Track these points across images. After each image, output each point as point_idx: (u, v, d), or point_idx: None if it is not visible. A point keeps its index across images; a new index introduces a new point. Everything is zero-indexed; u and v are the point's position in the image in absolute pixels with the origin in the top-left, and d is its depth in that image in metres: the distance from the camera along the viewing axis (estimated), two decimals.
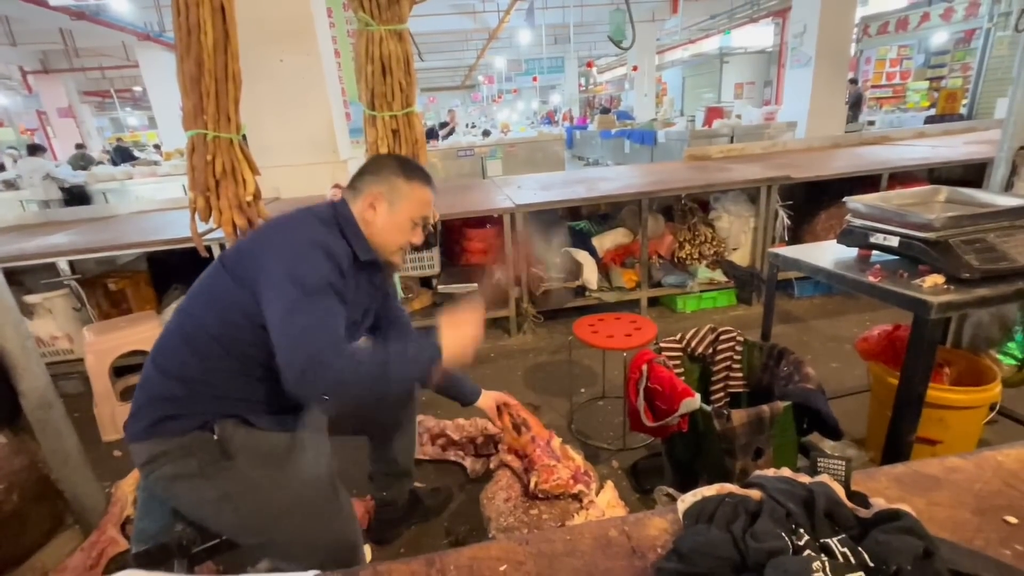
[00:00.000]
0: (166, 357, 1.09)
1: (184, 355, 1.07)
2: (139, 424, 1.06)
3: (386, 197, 1.18)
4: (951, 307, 1.31)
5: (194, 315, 1.10)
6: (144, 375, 1.11)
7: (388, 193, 1.18)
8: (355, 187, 1.21)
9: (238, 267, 1.07)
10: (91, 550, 1.59)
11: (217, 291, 1.09)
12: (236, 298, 1.05)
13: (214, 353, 1.06)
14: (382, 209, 1.18)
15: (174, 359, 1.08)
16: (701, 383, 1.87)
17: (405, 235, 1.22)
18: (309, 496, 1.11)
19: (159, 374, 1.08)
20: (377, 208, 1.18)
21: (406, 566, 0.60)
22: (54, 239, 2.92)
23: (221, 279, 1.10)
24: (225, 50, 1.43)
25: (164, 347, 1.11)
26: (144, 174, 6.94)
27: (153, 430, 1.05)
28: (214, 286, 1.11)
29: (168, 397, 1.06)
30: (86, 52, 10.39)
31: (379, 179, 1.19)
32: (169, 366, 1.08)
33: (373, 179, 1.19)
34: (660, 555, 0.58)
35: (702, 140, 6.03)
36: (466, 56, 15.40)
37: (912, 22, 9.25)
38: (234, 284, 1.06)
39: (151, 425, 1.05)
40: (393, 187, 1.18)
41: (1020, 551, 0.57)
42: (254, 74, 3.44)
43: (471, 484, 1.91)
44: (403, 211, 1.19)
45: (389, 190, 1.18)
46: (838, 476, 0.61)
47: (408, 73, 1.76)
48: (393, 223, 1.19)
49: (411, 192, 1.19)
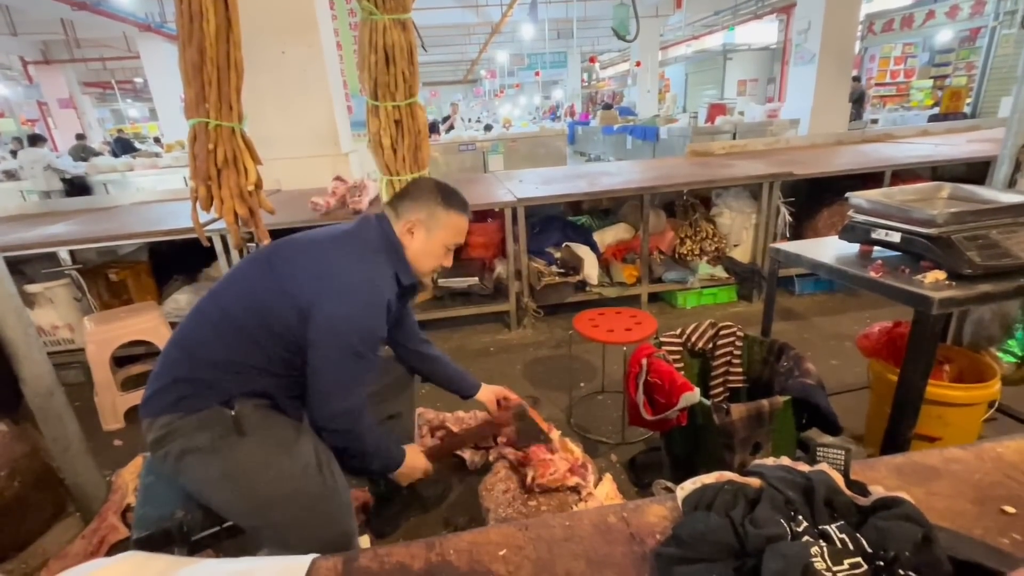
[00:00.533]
0: (196, 343, 1.12)
1: (214, 344, 1.10)
2: (161, 401, 1.09)
3: (424, 224, 1.22)
4: (952, 303, 1.31)
5: (230, 310, 1.12)
6: (168, 356, 1.13)
7: (427, 220, 1.22)
8: (395, 209, 1.24)
9: (288, 278, 1.10)
10: (92, 537, 1.60)
11: (260, 293, 1.12)
12: (279, 309, 1.09)
13: (245, 349, 1.09)
14: (420, 235, 1.22)
15: (203, 346, 1.10)
16: (701, 378, 1.87)
17: (438, 260, 1.27)
18: (309, 484, 1.12)
19: (186, 357, 1.10)
20: (415, 234, 1.22)
21: (406, 549, 0.60)
22: (55, 229, 2.92)
23: (266, 281, 1.12)
24: (227, 38, 1.43)
25: (194, 332, 1.13)
26: (145, 166, 6.93)
27: (175, 406, 1.07)
28: (257, 287, 1.13)
29: (193, 379, 1.09)
30: (87, 43, 10.36)
31: (418, 205, 1.22)
32: (197, 351, 1.10)
33: (413, 204, 1.23)
34: (659, 541, 0.59)
35: (704, 137, 6.00)
36: (469, 50, 15.33)
37: (917, 20, 9.20)
38: (280, 294, 1.09)
39: (174, 403, 1.07)
40: (432, 214, 1.22)
41: (1018, 540, 0.57)
42: (256, 66, 3.42)
43: (470, 476, 1.92)
44: (439, 238, 1.24)
45: (428, 217, 1.22)
46: (837, 465, 0.62)
47: (411, 63, 1.75)
48: (428, 249, 1.24)
49: (448, 220, 1.23)
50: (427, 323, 3.15)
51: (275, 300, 1.09)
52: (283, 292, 1.09)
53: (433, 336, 3.15)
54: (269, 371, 1.12)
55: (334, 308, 1.07)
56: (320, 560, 0.60)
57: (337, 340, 1.07)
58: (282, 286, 1.10)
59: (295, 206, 2.93)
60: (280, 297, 1.09)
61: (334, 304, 1.07)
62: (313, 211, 2.75)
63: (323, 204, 2.76)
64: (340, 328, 1.07)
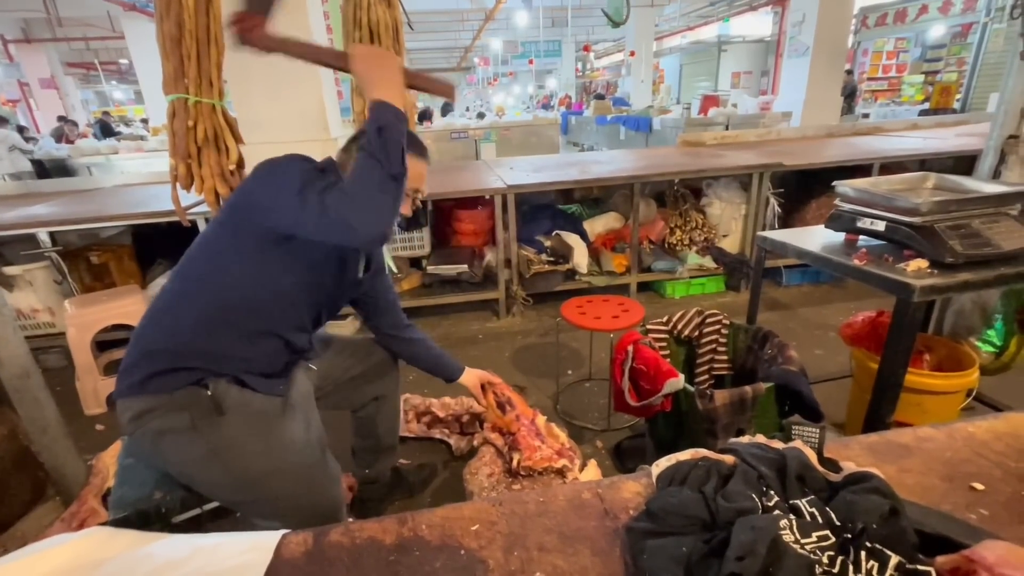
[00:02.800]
0: (160, 316, 1.09)
1: (178, 313, 1.07)
2: (132, 378, 1.06)
3: None
4: (934, 291, 1.32)
5: (190, 275, 1.10)
6: (138, 332, 1.10)
7: None
8: (348, 151, 1.18)
9: (230, 213, 1.09)
10: (71, 521, 1.58)
11: (212, 246, 1.10)
12: (231, 247, 1.07)
13: (208, 309, 1.07)
14: None
15: (168, 317, 1.08)
16: (687, 365, 1.88)
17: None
18: (298, 456, 1.12)
19: (154, 329, 1.08)
20: None
21: (378, 524, 0.60)
22: (34, 210, 2.86)
23: (214, 233, 1.10)
24: (207, 11, 1.38)
25: (159, 307, 1.11)
26: (130, 149, 6.79)
27: (146, 384, 1.05)
28: (208, 242, 1.11)
29: (162, 351, 1.06)
30: (70, 22, 10.05)
31: None
32: (163, 324, 1.08)
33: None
34: (632, 516, 0.59)
35: (698, 128, 5.99)
36: (462, 37, 15.14)
37: (910, 14, 9.22)
38: (229, 234, 1.08)
39: (144, 379, 1.05)
40: None
41: (985, 515, 0.58)
42: (243, 48, 3.36)
43: (456, 461, 1.92)
44: None
45: None
46: (811, 443, 0.62)
47: (397, 41, 1.72)
48: None
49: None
50: (416, 310, 3.13)
51: (226, 243, 1.09)
52: (230, 228, 1.09)
53: (422, 323, 3.14)
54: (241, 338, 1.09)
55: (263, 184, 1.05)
56: (290, 535, 0.59)
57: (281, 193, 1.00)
58: (229, 224, 1.09)
59: None
60: (230, 236, 1.08)
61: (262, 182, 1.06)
62: None
63: None
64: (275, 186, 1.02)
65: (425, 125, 7.80)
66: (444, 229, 3.42)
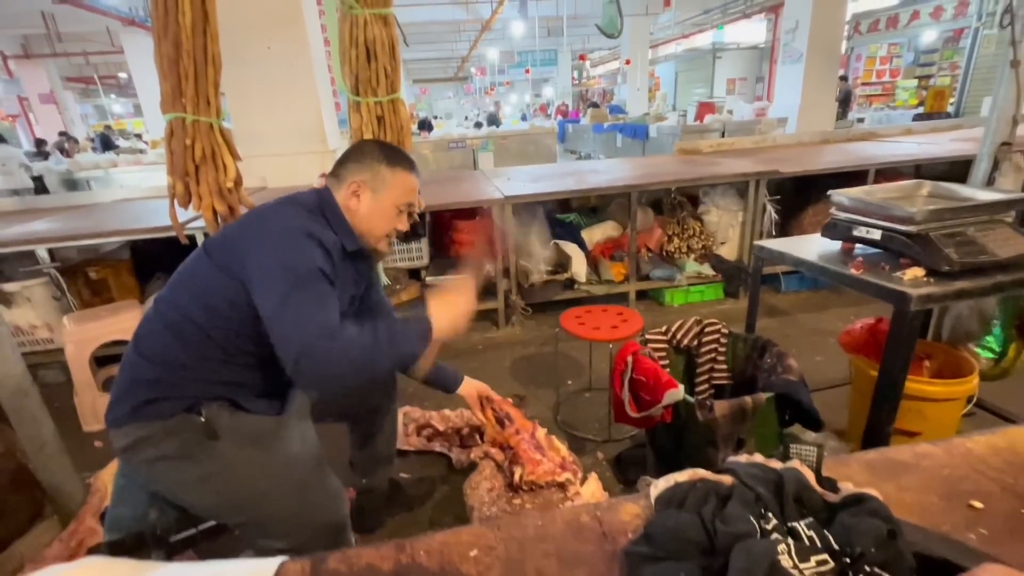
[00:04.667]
0: (148, 343, 1.08)
1: (167, 341, 1.06)
2: (122, 408, 1.05)
3: (369, 185, 1.17)
4: (930, 299, 1.33)
5: (177, 303, 1.08)
6: (125, 361, 1.09)
7: (371, 180, 1.17)
8: (338, 175, 1.19)
9: (224, 255, 1.06)
10: (69, 540, 1.57)
11: (201, 279, 1.08)
12: (221, 286, 1.04)
13: (198, 340, 1.05)
14: (365, 197, 1.17)
15: (156, 345, 1.07)
16: (686, 375, 1.88)
17: (390, 222, 1.21)
18: (296, 474, 1.11)
19: (142, 359, 1.07)
20: (360, 196, 1.17)
21: (376, 551, 0.60)
22: (33, 226, 2.86)
23: (205, 267, 1.08)
24: (204, 31, 1.40)
25: (145, 334, 1.10)
26: (129, 162, 6.81)
27: (137, 413, 1.04)
28: (198, 274, 1.09)
29: (152, 380, 1.05)
30: (69, 37, 10.13)
31: (362, 166, 1.17)
32: (152, 352, 1.06)
33: (356, 166, 1.18)
34: (631, 539, 0.59)
35: (694, 135, 6.03)
36: (459, 47, 15.26)
37: (902, 20, 9.31)
38: (220, 272, 1.05)
39: (134, 409, 1.04)
40: (376, 174, 1.17)
41: (984, 535, 0.58)
42: (240, 61, 3.38)
43: (456, 475, 1.91)
44: (387, 198, 1.18)
45: (372, 177, 1.17)
46: (809, 462, 0.62)
47: (393, 58, 1.73)
48: (377, 211, 1.18)
49: (394, 179, 1.18)
50: (415, 305, 3.13)
51: (217, 280, 1.05)
52: (221, 268, 1.05)
53: None
54: (226, 361, 1.07)
55: (264, 254, 1.01)
56: (288, 563, 0.59)
57: (271, 274, 0.98)
58: (220, 263, 1.06)
59: None
60: (220, 275, 1.04)
61: (263, 251, 1.02)
62: None
63: None
64: (269, 264, 0.99)
65: (423, 135, 7.84)
66: (442, 239, 3.43)
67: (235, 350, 1.07)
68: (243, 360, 1.08)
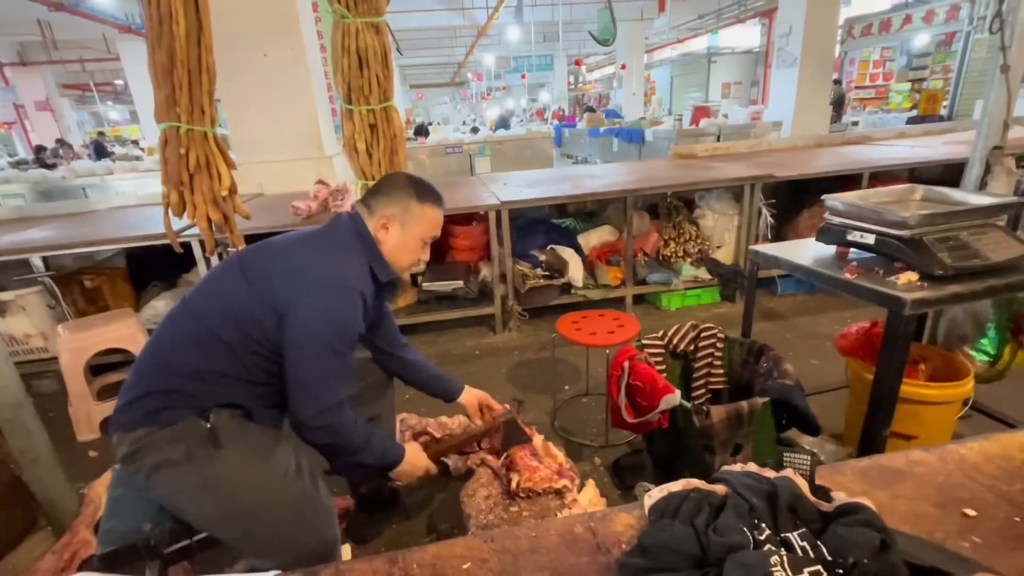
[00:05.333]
0: (172, 353, 1.09)
1: (191, 354, 1.08)
2: (133, 413, 1.06)
3: (399, 219, 1.21)
4: (924, 304, 1.33)
5: (206, 318, 1.10)
6: (142, 367, 1.10)
7: (401, 215, 1.21)
8: (369, 206, 1.23)
9: (266, 287, 1.09)
10: (63, 552, 1.56)
11: (235, 299, 1.10)
12: (256, 314, 1.07)
13: (223, 356, 1.08)
14: (395, 230, 1.22)
15: (178, 355, 1.08)
16: (683, 380, 1.88)
17: (415, 254, 1.27)
18: (288, 489, 1.11)
19: (161, 369, 1.08)
20: (390, 229, 1.22)
21: (368, 564, 0.59)
22: (28, 234, 2.85)
23: (240, 288, 1.10)
24: (198, 41, 1.40)
25: (169, 343, 1.11)
26: (125, 169, 6.80)
27: (149, 419, 1.05)
28: (232, 294, 1.11)
29: (169, 390, 1.07)
30: (65, 44, 10.14)
31: (392, 201, 1.22)
32: (174, 363, 1.08)
33: (387, 200, 1.22)
34: (625, 550, 0.58)
35: (689, 139, 6.06)
36: (455, 53, 15.32)
37: (895, 24, 9.38)
38: (256, 300, 1.08)
39: (147, 415, 1.05)
40: (406, 209, 1.22)
41: (977, 543, 0.58)
42: (237, 68, 3.39)
43: (453, 482, 1.90)
44: (415, 232, 1.23)
45: (402, 212, 1.21)
46: (803, 471, 0.62)
47: (386, 66, 1.74)
48: (405, 244, 1.23)
49: (423, 214, 1.23)
50: (412, 327, 3.12)
51: (251, 305, 1.08)
52: (258, 296, 1.08)
53: (418, 340, 3.14)
54: (246, 379, 1.11)
55: (309, 305, 1.07)
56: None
57: (313, 336, 1.07)
58: (257, 290, 1.09)
59: (276, 210, 2.90)
60: (255, 302, 1.08)
61: (309, 301, 1.07)
62: (295, 215, 2.71)
63: (304, 208, 2.73)
64: (315, 324, 1.07)
65: (419, 140, 7.86)
66: (439, 245, 3.43)
67: (257, 370, 1.10)
68: (263, 379, 1.12)
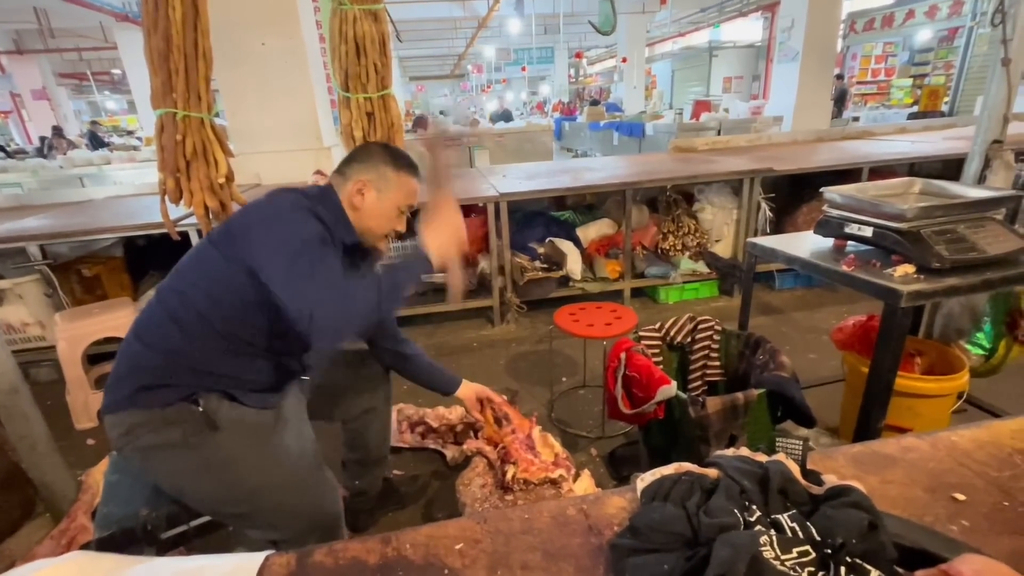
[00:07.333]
0: (150, 332, 1.09)
1: (169, 330, 1.07)
2: (119, 393, 1.06)
3: (374, 185, 1.20)
4: (921, 296, 1.33)
5: (181, 292, 1.10)
6: (124, 348, 1.10)
7: (376, 181, 1.20)
8: (343, 173, 1.22)
9: (227, 244, 1.08)
10: (61, 538, 1.57)
11: (206, 268, 1.10)
12: (228, 275, 1.06)
13: (200, 329, 1.07)
14: (370, 196, 1.20)
15: (158, 333, 1.08)
16: (680, 372, 1.88)
17: (391, 223, 1.25)
18: (294, 467, 1.12)
19: (142, 346, 1.08)
20: (365, 195, 1.20)
21: (361, 544, 0.60)
22: (25, 223, 2.84)
23: (211, 256, 1.10)
24: (195, 26, 1.39)
25: (147, 322, 1.11)
26: (123, 159, 6.77)
27: (134, 399, 1.05)
28: (202, 264, 1.11)
29: (151, 367, 1.06)
30: (62, 33, 10.06)
31: (367, 167, 1.20)
32: (153, 340, 1.08)
33: (361, 166, 1.20)
34: (616, 532, 0.59)
35: (690, 133, 6.04)
36: (455, 45, 15.23)
37: (897, 19, 9.34)
38: (224, 261, 1.07)
39: (132, 394, 1.05)
40: (381, 175, 1.20)
41: (966, 527, 0.58)
42: (235, 57, 3.36)
43: (450, 472, 1.92)
44: (390, 199, 1.21)
45: (377, 178, 1.20)
46: (795, 455, 0.62)
47: (384, 54, 1.72)
48: (380, 210, 1.21)
49: (399, 181, 1.21)
50: (410, 319, 3.13)
51: (221, 269, 1.07)
52: (225, 257, 1.07)
53: (416, 332, 3.14)
54: (230, 354, 1.09)
55: (266, 232, 1.04)
56: (274, 556, 0.59)
57: (275, 248, 1.01)
58: (224, 252, 1.08)
59: None
60: (225, 264, 1.07)
61: (263, 227, 1.05)
62: None
63: None
64: (273, 238, 1.02)
65: (418, 132, 7.81)
66: None
67: (236, 341, 1.09)
68: (243, 351, 1.10)
